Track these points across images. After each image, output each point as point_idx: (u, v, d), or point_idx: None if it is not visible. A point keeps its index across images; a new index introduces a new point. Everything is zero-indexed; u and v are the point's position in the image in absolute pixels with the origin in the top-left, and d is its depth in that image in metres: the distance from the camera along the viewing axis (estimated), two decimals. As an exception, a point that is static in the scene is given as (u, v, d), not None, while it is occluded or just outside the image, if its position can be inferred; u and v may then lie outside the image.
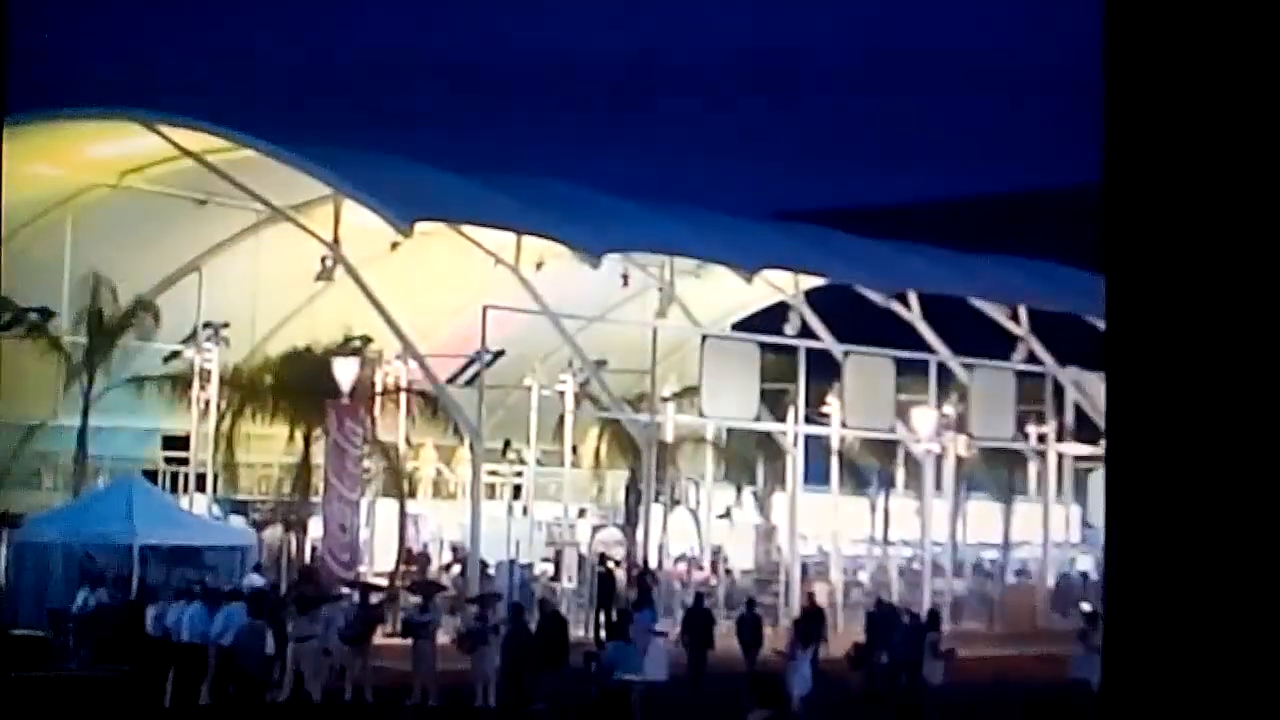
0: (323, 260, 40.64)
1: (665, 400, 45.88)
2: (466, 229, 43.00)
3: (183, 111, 41.65)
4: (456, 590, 37.26)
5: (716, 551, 47.42)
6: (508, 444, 47.25)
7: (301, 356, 40.51)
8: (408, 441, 45.11)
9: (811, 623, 32.50)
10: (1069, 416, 52.34)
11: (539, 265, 44.00)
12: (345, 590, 30.70)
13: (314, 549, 38.62)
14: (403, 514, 41.11)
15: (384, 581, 37.13)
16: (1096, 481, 54.84)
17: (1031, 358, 51.74)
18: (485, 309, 40.04)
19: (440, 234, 42.61)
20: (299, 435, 39.76)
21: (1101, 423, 53.99)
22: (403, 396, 43.12)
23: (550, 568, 43.38)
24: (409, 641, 27.98)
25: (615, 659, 24.26)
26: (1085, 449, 53.06)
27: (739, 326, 52.37)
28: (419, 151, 46.48)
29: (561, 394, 44.92)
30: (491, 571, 38.73)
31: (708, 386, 43.62)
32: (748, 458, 49.95)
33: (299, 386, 39.30)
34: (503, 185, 44.46)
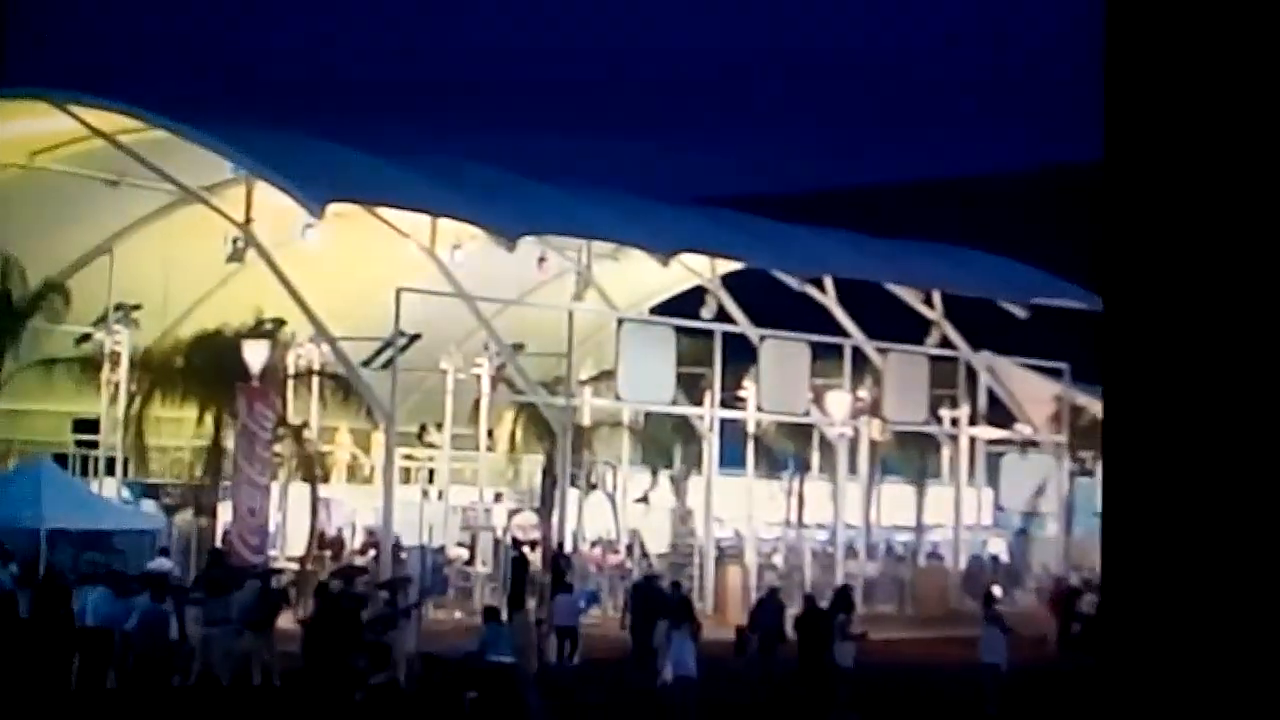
0: (234, 242, 40.34)
1: (582, 384, 45.87)
2: (382, 211, 42.78)
3: (98, 93, 41.19)
4: (370, 575, 37.11)
5: (633, 535, 47.50)
6: (424, 428, 47.09)
7: (212, 339, 40.17)
8: (320, 426, 44.86)
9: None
10: (982, 401, 52.78)
11: (456, 248, 43.83)
12: (253, 574, 30.48)
13: (225, 533, 38.33)
14: (314, 498, 40.86)
15: (295, 566, 36.97)
16: (1008, 465, 55.38)
17: (945, 342, 52.07)
18: (399, 291, 39.85)
19: (356, 216, 42.37)
20: (209, 419, 39.44)
21: (1012, 406, 54.54)
22: (315, 380, 42.84)
23: (465, 552, 43.29)
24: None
25: (488, 641, 24.51)
26: (997, 433, 53.55)
27: (657, 310, 52.41)
28: (342, 136, 45.98)
29: (477, 377, 44.79)
30: (404, 556, 38.58)
31: (624, 370, 43.67)
32: (664, 441, 50.01)
33: (210, 369, 38.97)
34: (418, 167, 44.23)
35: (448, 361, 44.46)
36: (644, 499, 51.28)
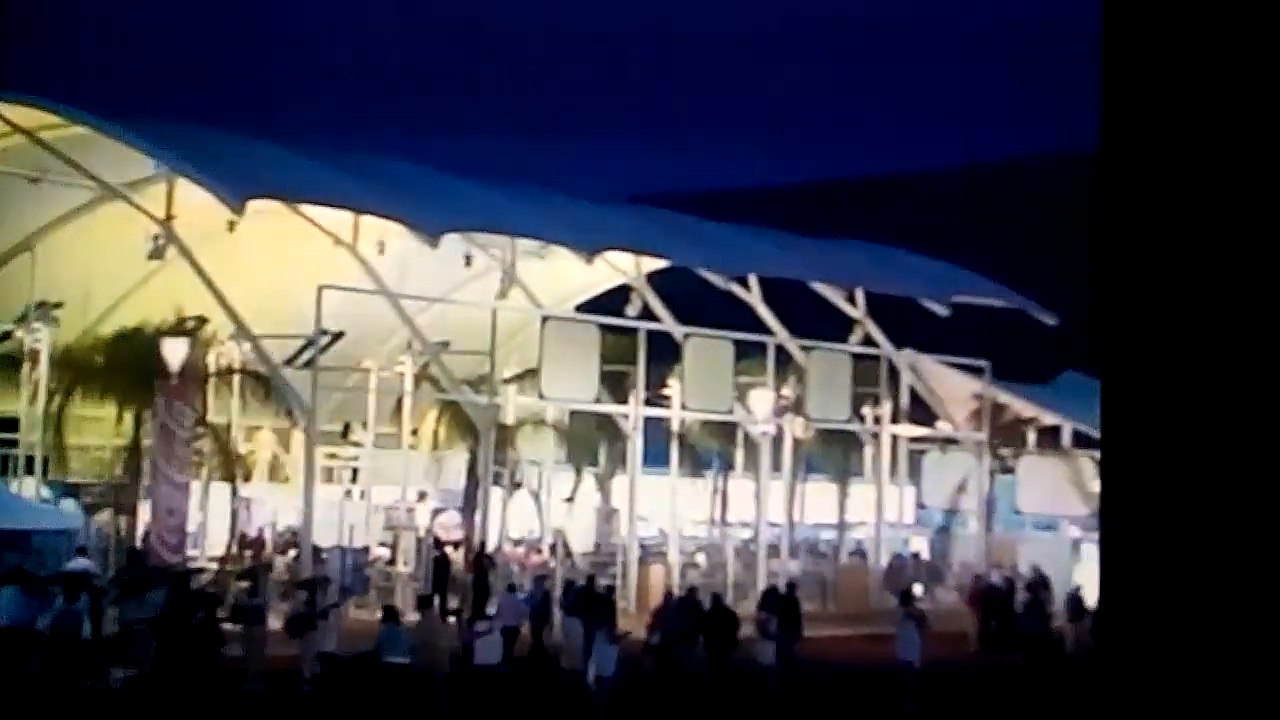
0: (155, 239, 40.11)
1: (506, 382, 45.82)
2: (306, 208, 42.63)
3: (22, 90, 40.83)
4: (291, 575, 37.00)
5: (557, 534, 47.48)
6: (348, 426, 46.94)
7: (133, 337, 39.89)
8: (241, 425, 44.65)
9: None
10: (904, 399, 53.13)
11: (381, 246, 43.72)
12: (170, 574, 30.33)
13: (144, 533, 38.07)
14: (234, 497, 40.67)
15: (215, 565, 36.78)
16: (930, 463, 55.81)
17: (868, 340, 52.36)
18: (320, 289, 39.74)
19: (280, 213, 42.21)
20: (129, 417, 39.18)
21: (934, 404, 54.94)
22: (236, 378, 42.63)
23: (387, 552, 43.19)
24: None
25: (383, 642, 24.61)
26: (919, 431, 53.93)
27: (583, 308, 52.41)
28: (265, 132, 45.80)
29: (401, 376, 44.68)
30: (325, 556, 38.47)
31: (548, 368, 43.68)
32: (588, 440, 50.06)
33: (130, 368, 38.71)
34: (341, 163, 44.09)
35: (371, 360, 44.35)
36: (571, 498, 51.33)
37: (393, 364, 44.58)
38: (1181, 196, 5.83)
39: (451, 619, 34.89)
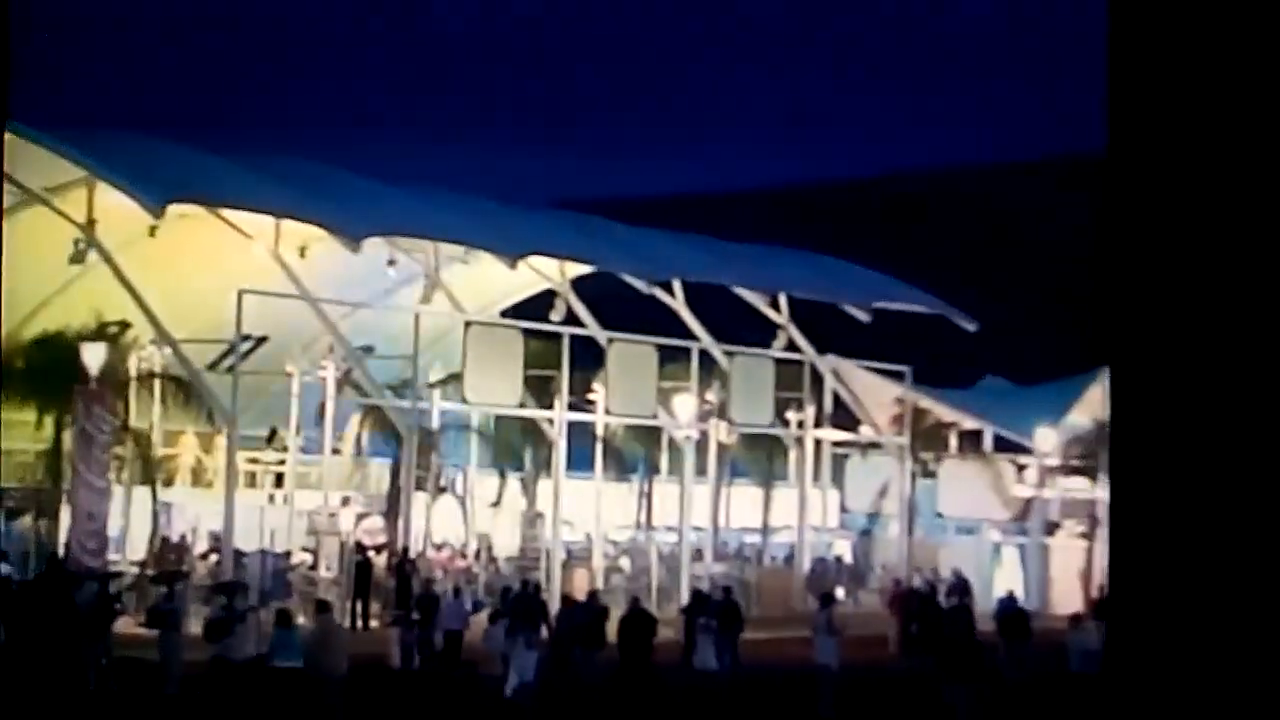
0: (76, 244, 39.90)
1: (430, 387, 45.81)
2: (227, 212, 42.48)
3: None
4: (213, 580, 36.85)
5: (482, 539, 47.51)
6: (273, 431, 46.76)
7: (53, 342, 39.67)
8: (164, 429, 44.43)
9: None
10: (827, 403, 53.47)
11: (303, 250, 43.62)
12: (89, 579, 30.19)
13: (65, 538, 37.82)
14: (155, 502, 40.48)
15: (134, 570, 36.62)
16: (853, 467, 56.20)
17: (791, 346, 52.66)
18: (240, 293, 39.62)
19: (202, 218, 42.06)
20: (49, 422, 38.94)
21: (856, 408, 55.33)
22: (157, 383, 42.43)
23: (309, 557, 43.07)
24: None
25: (275, 645, 24.65)
26: (842, 435, 54.31)
27: (508, 313, 52.40)
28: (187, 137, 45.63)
29: (323, 380, 44.56)
30: (245, 560, 38.35)
31: (471, 373, 43.72)
32: (513, 444, 50.08)
33: (50, 372, 38.49)
34: (262, 167, 43.96)
35: (293, 364, 44.22)
36: (496, 503, 51.34)
37: (315, 369, 44.43)
38: (1185, 198, 5.84)
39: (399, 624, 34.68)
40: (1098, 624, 33.95)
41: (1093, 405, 57.50)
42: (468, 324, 45.08)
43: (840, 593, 51.18)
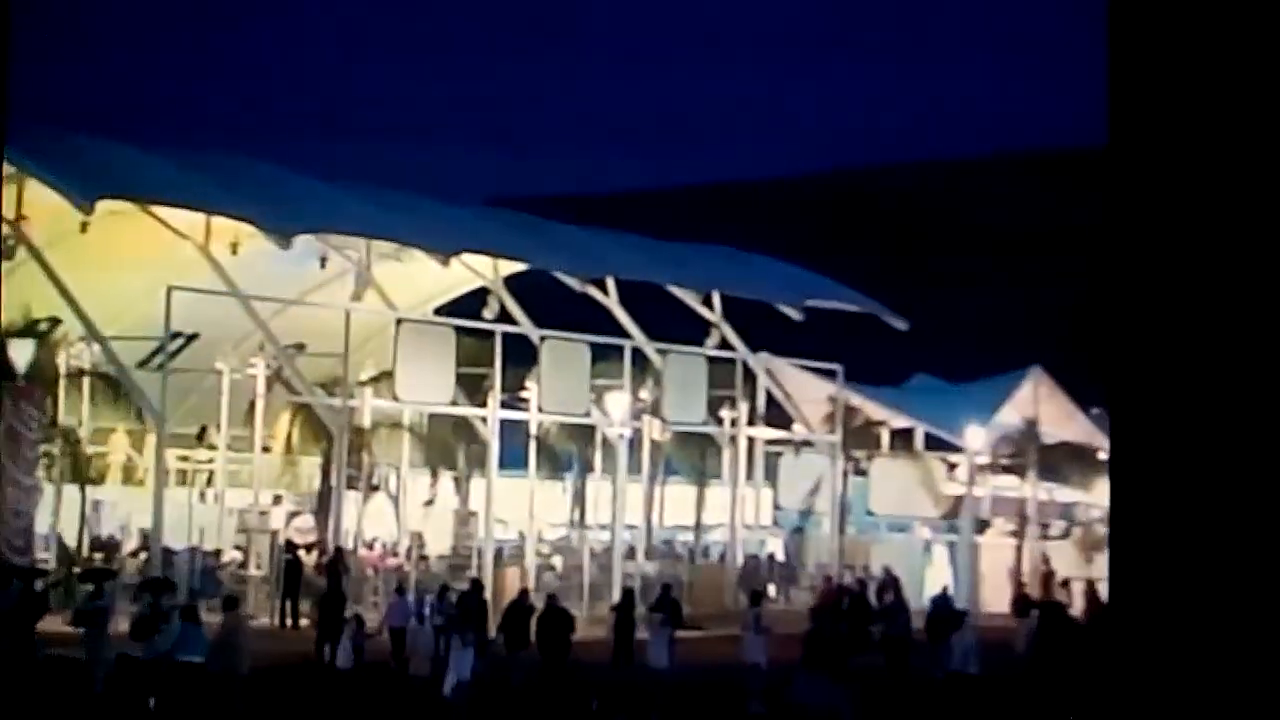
0: (5, 239, 39.57)
1: (362, 384, 45.64)
2: (158, 209, 42.21)
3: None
4: (143, 578, 36.59)
5: (415, 537, 47.39)
6: (204, 429, 46.50)
7: (-20, 338, 39.24)
8: (94, 427, 44.11)
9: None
10: (760, 402, 53.65)
11: (234, 247, 43.39)
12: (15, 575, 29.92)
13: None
14: (84, 500, 40.20)
15: (60, 568, 36.32)
16: (786, 465, 56.42)
17: (724, 344, 52.78)
18: (170, 290, 39.39)
19: (132, 214, 41.78)
20: (-23, 420, 38.52)
21: (789, 407, 55.54)
22: (86, 380, 42.12)
23: (240, 555, 42.87)
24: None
25: (179, 641, 24.61)
26: (775, 433, 54.51)
27: (441, 311, 52.27)
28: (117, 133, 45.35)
29: (253, 378, 44.34)
30: (175, 558, 38.13)
31: (403, 371, 43.62)
32: (445, 443, 49.97)
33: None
34: (193, 163, 43.69)
35: (223, 362, 43.99)
36: (429, 501, 51.19)
37: (245, 366, 44.22)
38: (1187, 196, 5.79)
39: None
40: (1020, 620, 34.28)
41: (1022, 404, 57.96)
42: (399, 321, 44.96)
43: (772, 590, 51.45)
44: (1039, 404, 57.58)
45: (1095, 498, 60.57)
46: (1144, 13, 5.88)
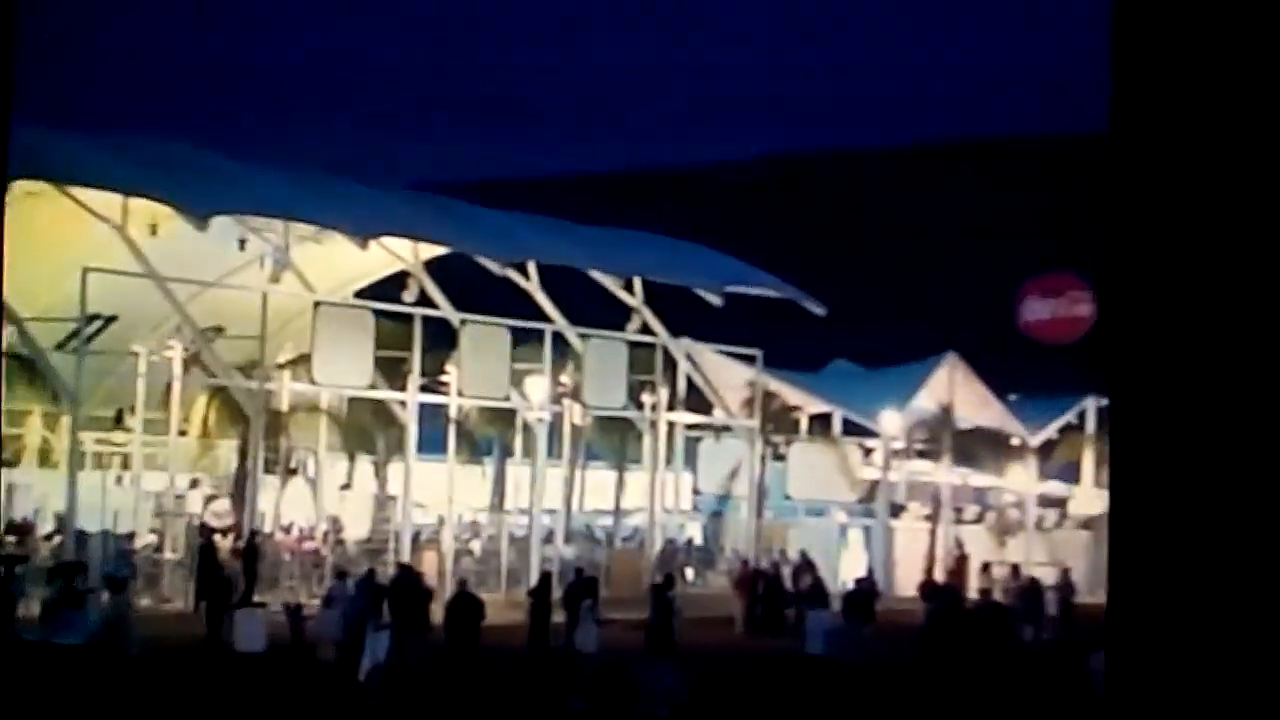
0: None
1: (280, 367, 45.52)
2: (75, 190, 41.91)
3: None
4: (56, 561, 36.42)
5: (333, 521, 47.34)
6: (121, 412, 46.26)
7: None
8: (9, 409, 43.79)
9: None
10: (680, 386, 53.88)
11: (153, 229, 43.15)
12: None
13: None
14: (-2, 482, 39.90)
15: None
16: (705, 450, 56.71)
17: (645, 329, 52.98)
18: (85, 272, 39.16)
19: (50, 195, 41.47)
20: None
21: (709, 392, 55.81)
22: (1, 362, 41.74)
23: (154, 538, 42.71)
24: None
25: (64, 622, 24.59)
26: (695, 418, 54.78)
27: (362, 295, 52.17)
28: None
29: (170, 361, 44.16)
30: (90, 542, 37.96)
31: (320, 354, 43.54)
32: (364, 426, 49.91)
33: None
34: (110, 144, 43.41)
35: (140, 345, 43.79)
36: (347, 485, 51.11)
37: (162, 349, 44.02)
38: (1193, 187, 5.72)
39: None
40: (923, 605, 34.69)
41: (937, 389, 58.49)
42: (317, 304, 44.87)
43: (690, 574, 51.76)
44: (954, 390, 58.12)
45: (1008, 483, 61.28)
46: (1148, 6, 5.85)
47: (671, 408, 52.87)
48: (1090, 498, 62.00)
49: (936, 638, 32.93)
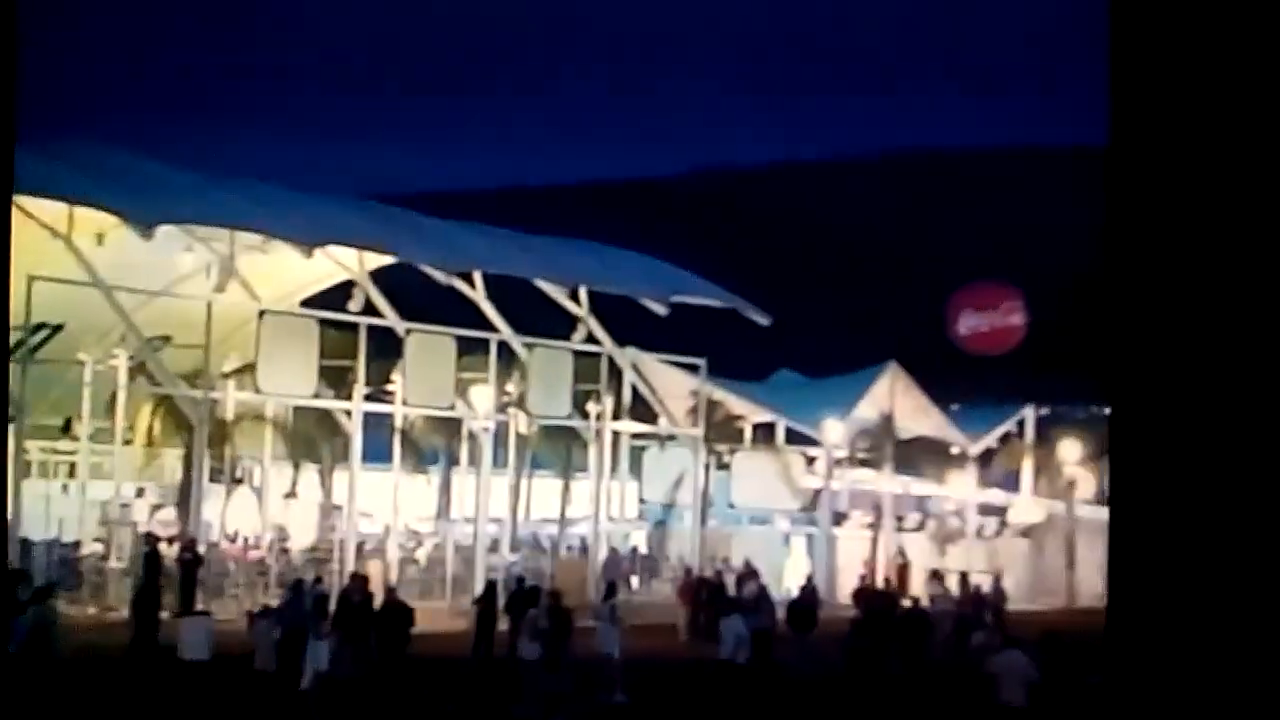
0: None
1: (225, 376, 45.56)
2: (20, 199, 41.85)
3: None
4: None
5: (278, 530, 47.41)
6: (69, 421, 46.21)
7: None
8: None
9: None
10: (626, 395, 54.16)
11: (100, 238, 43.15)
12: None
13: None
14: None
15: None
16: (650, 458, 57.02)
17: (590, 338, 53.24)
18: (30, 280, 39.17)
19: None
20: None
21: (654, 401, 56.14)
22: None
23: (100, 547, 42.71)
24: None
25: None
26: (640, 427, 55.08)
27: (308, 304, 52.24)
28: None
29: (115, 369, 44.19)
30: (35, 550, 37.97)
31: (265, 363, 43.62)
32: (309, 435, 49.98)
33: None
34: (56, 153, 43.30)
35: (86, 353, 43.79)
36: (292, 494, 51.15)
37: (108, 358, 44.04)
38: (1190, 193, 5.75)
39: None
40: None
41: (878, 399, 59.03)
42: (262, 313, 44.95)
43: (634, 582, 52.05)
44: (895, 399, 58.64)
45: (949, 491, 61.87)
46: (1144, 13, 5.88)
47: (616, 416, 53.11)
48: (1029, 506, 62.71)
49: (858, 644, 33.40)
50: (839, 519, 57.57)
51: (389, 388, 47.68)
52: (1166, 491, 5.68)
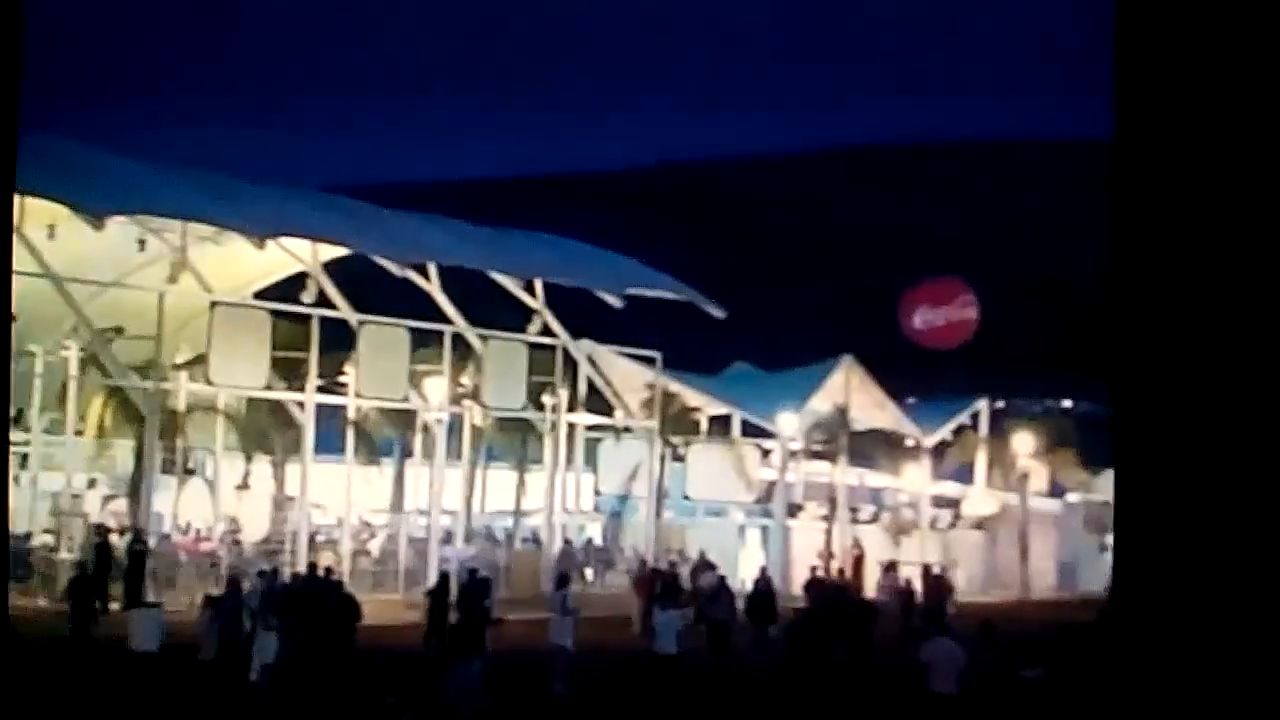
0: None
1: (177, 368, 45.33)
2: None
3: None
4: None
5: (231, 522, 47.21)
6: (21, 412, 45.90)
7: None
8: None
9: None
10: (581, 387, 54.13)
11: (51, 230, 42.85)
12: None
13: None
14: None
15: None
16: (606, 451, 57.00)
17: (546, 330, 53.16)
18: (-20, 272, 38.81)
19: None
20: None
21: (609, 393, 56.13)
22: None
23: (51, 538, 42.47)
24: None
25: None
26: (595, 419, 55.06)
27: (262, 295, 51.97)
28: None
29: (67, 361, 43.92)
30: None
31: (216, 354, 43.42)
32: (262, 427, 49.77)
33: None
34: None
35: (36, 345, 43.50)
36: (244, 485, 50.93)
37: (59, 349, 43.76)
38: (1195, 192, 5.73)
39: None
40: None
41: (833, 391, 59.15)
42: (214, 304, 44.72)
43: (589, 574, 52.04)
44: (850, 392, 58.78)
45: (903, 483, 62.07)
46: (1147, 11, 5.86)
47: (572, 409, 53.09)
48: (983, 498, 62.96)
49: (800, 636, 33.49)
50: (794, 511, 57.67)
51: (342, 379, 47.51)
52: (1166, 492, 5.68)
